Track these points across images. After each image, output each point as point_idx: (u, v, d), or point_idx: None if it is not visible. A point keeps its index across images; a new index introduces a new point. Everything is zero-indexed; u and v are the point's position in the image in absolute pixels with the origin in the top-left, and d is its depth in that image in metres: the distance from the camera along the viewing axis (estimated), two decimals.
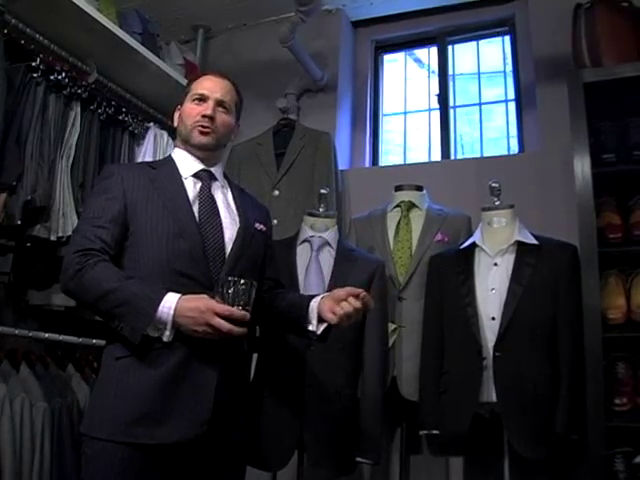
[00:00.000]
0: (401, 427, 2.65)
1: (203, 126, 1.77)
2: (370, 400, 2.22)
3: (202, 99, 1.80)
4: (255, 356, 2.18)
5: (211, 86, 1.82)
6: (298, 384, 2.14)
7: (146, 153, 2.82)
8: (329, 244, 2.38)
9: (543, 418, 2.12)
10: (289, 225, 2.77)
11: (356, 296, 1.60)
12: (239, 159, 3.14)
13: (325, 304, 1.64)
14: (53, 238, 2.31)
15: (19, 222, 2.19)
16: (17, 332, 2.23)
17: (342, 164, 3.29)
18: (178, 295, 1.53)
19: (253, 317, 1.55)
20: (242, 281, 1.51)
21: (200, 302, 1.51)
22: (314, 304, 1.69)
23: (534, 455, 2.12)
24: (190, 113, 1.79)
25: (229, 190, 1.86)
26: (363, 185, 3.21)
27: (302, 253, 2.37)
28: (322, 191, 2.54)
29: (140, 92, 2.99)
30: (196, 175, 1.79)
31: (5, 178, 2.20)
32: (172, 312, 1.50)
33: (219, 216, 1.74)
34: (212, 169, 1.83)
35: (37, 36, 2.46)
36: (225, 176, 1.91)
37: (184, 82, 3.09)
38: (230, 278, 1.52)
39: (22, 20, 2.39)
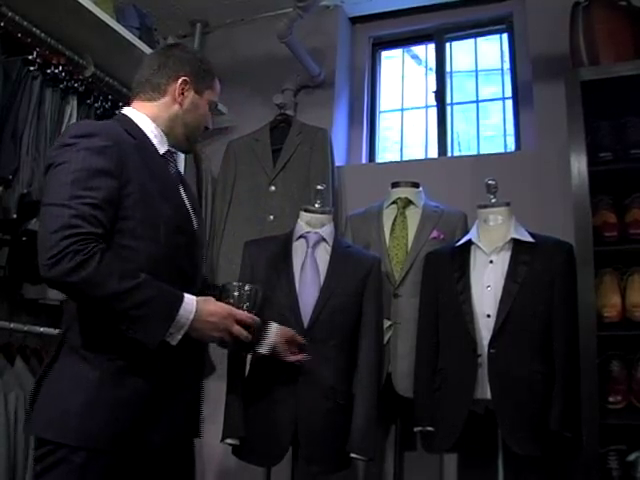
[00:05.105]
0: (396, 424, 2.65)
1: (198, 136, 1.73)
2: (365, 396, 2.21)
3: (210, 107, 1.72)
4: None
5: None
6: (292, 380, 2.14)
7: None
8: (325, 240, 2.38)
9: (537, 415, 2.12)
10: (285, 221, 2.78)
11: None
12: (235, 154, 3.13)
13: None
14: None
15: (15, 216, 2.19)
16: (12, 326, 2.22)
17: (339, 160, 3.29)
18: (193, 297, 1.46)
19: None
20: (247, 287, 1.52)
21: (219, 307, 1.48)
22: None
23: (528, 452, 2.12)
24: (202, 120, 1.70)
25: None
26: (359, 182, 3.21)
27: (298, 249, 2.36)
28: (318, 187, 2.54)
29: None
30: (168, 153, 1.65)
31: (1, 172, 2.20)
32: (192, 316, 1.43)
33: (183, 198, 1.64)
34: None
35: (34, 29, 2.45)
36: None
37: None
38: (236, 283, 1.54)
39: (19, 13, 2.38)
